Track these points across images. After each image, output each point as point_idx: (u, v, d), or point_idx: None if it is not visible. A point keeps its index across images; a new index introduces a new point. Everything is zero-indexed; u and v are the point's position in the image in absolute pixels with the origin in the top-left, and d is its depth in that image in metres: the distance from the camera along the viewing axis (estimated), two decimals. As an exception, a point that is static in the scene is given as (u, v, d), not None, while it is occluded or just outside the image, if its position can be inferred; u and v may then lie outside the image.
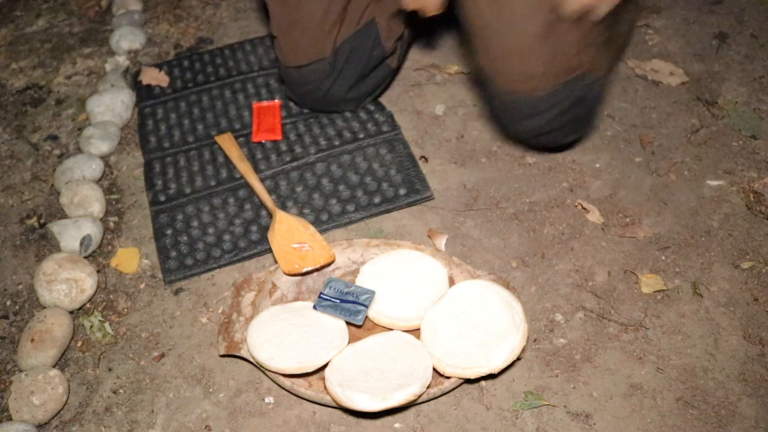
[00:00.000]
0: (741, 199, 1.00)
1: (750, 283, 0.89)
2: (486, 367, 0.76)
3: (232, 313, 0.86)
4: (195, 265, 0.95)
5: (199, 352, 0.86)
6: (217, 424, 0.79)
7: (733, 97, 1.16)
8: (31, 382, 0.80)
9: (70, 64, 1.33)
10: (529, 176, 1.05)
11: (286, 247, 0.92)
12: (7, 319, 0.92)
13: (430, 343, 0.80)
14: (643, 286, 0.89)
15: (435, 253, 0.91)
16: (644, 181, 1.03)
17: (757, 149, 1.07)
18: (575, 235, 0.96)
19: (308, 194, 1.03)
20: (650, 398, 0.78)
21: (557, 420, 0.77)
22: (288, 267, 0.89)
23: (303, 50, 1.03)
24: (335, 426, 0.78)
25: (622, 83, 1.19)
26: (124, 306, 0.92)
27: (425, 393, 0.76)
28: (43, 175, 1.12)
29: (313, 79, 1.05)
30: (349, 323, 0.84)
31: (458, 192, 1.03)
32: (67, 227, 0.98)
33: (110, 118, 1.17)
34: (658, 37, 1.28)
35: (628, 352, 0.83)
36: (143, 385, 0.83)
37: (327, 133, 1.11)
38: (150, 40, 1.37)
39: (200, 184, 1.05)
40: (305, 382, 0.80)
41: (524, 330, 0.78)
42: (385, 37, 1.07)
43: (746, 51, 1.24)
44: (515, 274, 0.92)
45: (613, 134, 1.11)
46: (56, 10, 1.48)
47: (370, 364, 0.78)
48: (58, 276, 0.90)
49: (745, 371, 0.80)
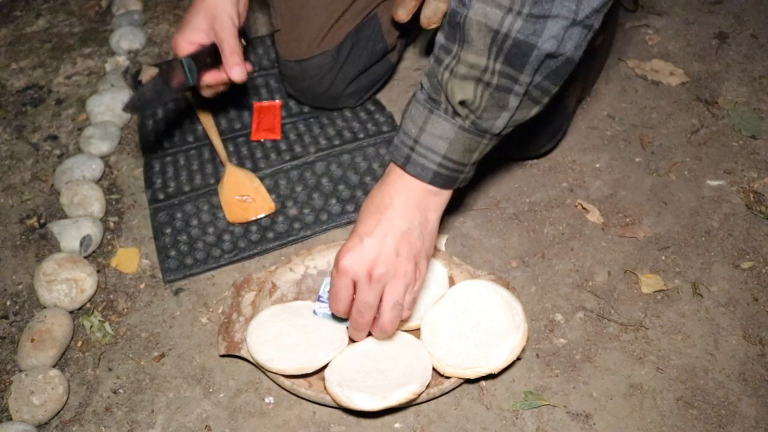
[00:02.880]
0: (741, 199, 1.00)
1: (750, 283, 0.89)
2: (486, 367, 0.76)
3: (232, 313, 0.86)
4: (195, 264, 0.95)
5: (199, 352, 0.86)
6: (217, 424, 0.79)
7: (733, 97, 1.16)
8: (31, 382, 0.80)
9: (70, 64, 1.33)
10: (529, 176, 1.05)
11: (231, 199, 1.01)
12: (7, 319, 0.92)
13: (430, 343, 0.80)
14: (643, 286, 0.89)
15: (435, 253, 0.91)
16: (644, 181, 1.03)
17: (757, 149, 1.07)
18: (575, 235, 0.96)
19: (308, 194, 1.03)
20: (650, 398, 0.78)
21: (557, 420, 0.77)
22: (232, 216, 0.99)
23: (306, 44, 1.03)
24: (335, 426, 0.78)
25: (622, 83, 1.19)
26: (124, 306, 0.92)
27: (425, 393, 0.76)
28: (43, 175, 1.12)
29: (315, 73, 1.06)
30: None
31: (458, 192, 1.03)
32: (67, 227, 0.98)
33: (110, 118, 1.17)
34: (658, 37, 1.28)
35: (628, 352, 0.83)
36: (143, 385, 0.83)
37: (327, 133, 1.11)
38: (150, 40, 1.37)
39: (200, 183, 1.05)
40: (305, 382, 0.80)
41: (524, 330, 0.78)
42: (386, 32, 1.07)
43: (746, 51, 1.24)
44: (515, 274, 0.92)
45: (613, 134, 1.11)
46: (56, 10, 1.48)
47: (370, 364, 0.78)
48: (58, 276, 0.90)
49: (745, 371, 0.80)
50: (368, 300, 0.72)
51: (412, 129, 0.70)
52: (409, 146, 0.71)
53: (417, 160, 0.70)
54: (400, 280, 0.72)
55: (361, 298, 0.73)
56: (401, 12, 0.94)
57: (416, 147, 0.70)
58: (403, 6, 0.96)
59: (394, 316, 0.74)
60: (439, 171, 0.70)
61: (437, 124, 0.69)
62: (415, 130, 0.70)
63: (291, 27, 1.03)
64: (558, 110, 0.98)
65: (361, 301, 0.73)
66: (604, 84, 1.19)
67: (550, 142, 1.02)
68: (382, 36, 1.07)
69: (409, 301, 0.74)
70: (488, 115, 0.67)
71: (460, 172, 0.72)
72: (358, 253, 0.71)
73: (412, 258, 0.72)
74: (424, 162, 0.70)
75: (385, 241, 0.71)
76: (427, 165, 0.70)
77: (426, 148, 0.70)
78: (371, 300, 0.72)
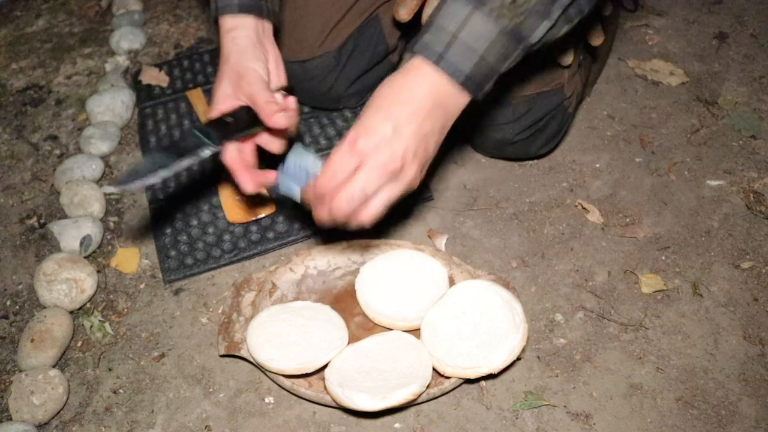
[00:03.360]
0: (741, 199, 1.00)
1: (750, 283, 0.89)
2: (486, 367, 0.76)
3: (232, 313, 0.86)
4: (195, 264, 0.95)
5: (199, 352, 0.86)
6: (217, 424, 0.79)
7: (733, 97, 1.16)
8: (31, 382, 0.80)
9: (70, 64, 1.33)
10: (529, 176, 1.05)
11: (231, 199, 1.01)
12: (7, 319, 0.92)
13: (430, 343, 0.80)
14: (643, 286, 0.89)
15: (435, 253, 0.91)
16: (644, 181, 1.03)
17: (757, 149, 1.07)
18: (575, 235, 0.96)
19: (308, 194, 1.03)
20: (650, 398, 0.78)
21: (557, 420, 0.77)
22: (232, 216, 0.99)
23: (309, 44, 1.03)
24: (335, 426, 0.78)
25: (622, 83, 1.19)
26: (124, 306, 0.92)
27: (425, 393, 0.76)
28: (43, 175, 1.12)
29: (317, 73, 1.06)
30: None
31: (458, 192, 1.03)
32: (67, 227, 0.97)
33: (110, 118, 1.17)
34: (658, 37, 1.28)
35: (628, 352, 0.83)
36: (143, 385, 0.83)
37: (327, 133, 1.11)
38: (150, 40, 1.37)
39: (200, 183, 1.05)
40: (305, 382, 0.80)
41: (524, 330, 0.78)
42: (388, 33, 1.07)
43: (746, 51, 1.24)
44: (515, 274, 0.92)
45: (613, 134, 1.11)
46: (56, 10, 1.48)
47: (370, 364, 0.78)
48: (58, 276, 0.90)
49: (745, 371, 0.80)
50: (366, 188, 0.68)
51: (449, 25, 0.67)
52: (444, 42, 0.67)
53: (452, 58, 0.67)
54: (403, 185, 0.69)
55: (359, 185, 0.67)
56: (402, 11, 0.94)
57: (453, 44, 0.67)
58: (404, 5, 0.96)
59: (378, 210, 0.70)
60: (472, 73, 0.68)
61: (479, 22, 0.66)
62: (454, 27, 0.67)
63: (293, 28, 1.03)
64: (558, 110, 0.98)
65: (357, 187, 0.67)
66: (604, 84, 1.19)
67: (550, 142, 1.02)
68: (384, 37, 1.07)
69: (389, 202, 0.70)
70: (531, 21, 0.67)
71: (488, 80, 0.70)
72: (380, 140, 0.67)
73: (421, 163, 0.70)
74: (459, 61, 0.67)
75: (410, 140, 0.67)
76: (463, 64, 0.67)
77: (464, 46, 0.67)
78: (369, 190, 0.68)
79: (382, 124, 0.67)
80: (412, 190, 0.72)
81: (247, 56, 0.79)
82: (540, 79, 0.94)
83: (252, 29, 0.81)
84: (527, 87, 0.94)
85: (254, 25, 0.82)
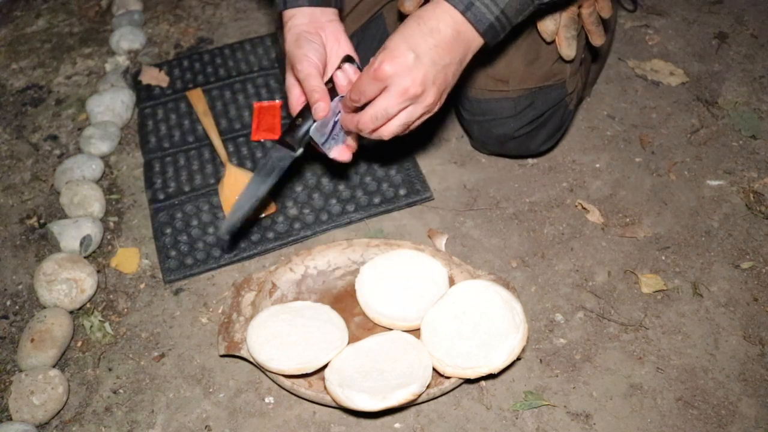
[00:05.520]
0: (741, 199, 1.00)
1: (750, 283, 0.89)
2: (486, 367, 0.76)
3: (232, 313, 0.86)
4: (195, 264, 0.95)
5: (199, 352, 0.86)
6: (217, 424, 0.79)
7: (733, 97, 1.16)
8: (31, 382, 0.80)
9: (70, 64, 1.33)
10: (529, 176, 1.05)
11: (231, 199, 0.98)
12: (7, 319, 0.92)
13: (430, 343, 0.80)
14: (643, 286, 0.89)
15: (435, 253, 0.91)
16: (644, 181, 1.03)
17: (757, 149, 1.07)
18: (575, 235, 0.96)
19: (308, 194, 1.03)
20: (650, 398, 0.78)
21: (557, 420, 0.77)
22: None
23: None
24: (335, 426, 0.78)
25: (622, 83, 1.19)
26: (124, 306, 0.92)
27: (425, 393, 0.76)
28: (43, 175, 1.12)
29: None
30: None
31: (458, 192, 1.03)
32: (67, 227, 0.97)
33: (110, 118, 1.17)
34: (658, 37, 1.28)
35: (628, 352, 0.83)
36: (143, 385, 0.83)
37: (327, 133, 1.11)
38: (150, 40, 1.37)
39: (200, 183, 1.05)
40: (305, 382, 0.80)
41: (524, 330, 0.78)
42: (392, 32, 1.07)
43: (746, 51, 1.24)
44: (515, 274, 0.92)
45: (613, 134, 1.11)
46: (56, 10, 1.48)
47: (370, 364, 0.78)
48: (58, 276, 0.90)
49: (745, 371, 0.80)
50: (389, 109, 0.75)
51: None
52: None
53: (479, 8, 0.73)
54: (423, 107, 0.76)
55: (383, 104, 0.75)
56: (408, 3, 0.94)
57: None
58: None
59: (398, 128, 0.77)
60: (493, 23, 0.74)
61: None
62: None
63: None
64: (559, 106, 0.98)
65: (380, 107, 0.75)
66: (604, 84, 1.19)
67: (549, 140, 1.02)
68: (388, 35, 1.07)
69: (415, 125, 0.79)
70: None
71: (503, 30, 0.76)
72: (404, 65, 0.73)
73: (440, 90, 0.76)
74: (484, 12, 0.73)
75: (431, 67, 0.74)
76: (486, 15, 0.74)
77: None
78: (392, 111, 0.75)
79: (405, 53, 0.74)
80: (432, 113, 0.79)
81: (300, 43, 0.84)
82: (543, 72, 0.94)
83: (307, 15, 0.87)
84: (530, 79, 0.94)
85: (309, 12, 0.87)
